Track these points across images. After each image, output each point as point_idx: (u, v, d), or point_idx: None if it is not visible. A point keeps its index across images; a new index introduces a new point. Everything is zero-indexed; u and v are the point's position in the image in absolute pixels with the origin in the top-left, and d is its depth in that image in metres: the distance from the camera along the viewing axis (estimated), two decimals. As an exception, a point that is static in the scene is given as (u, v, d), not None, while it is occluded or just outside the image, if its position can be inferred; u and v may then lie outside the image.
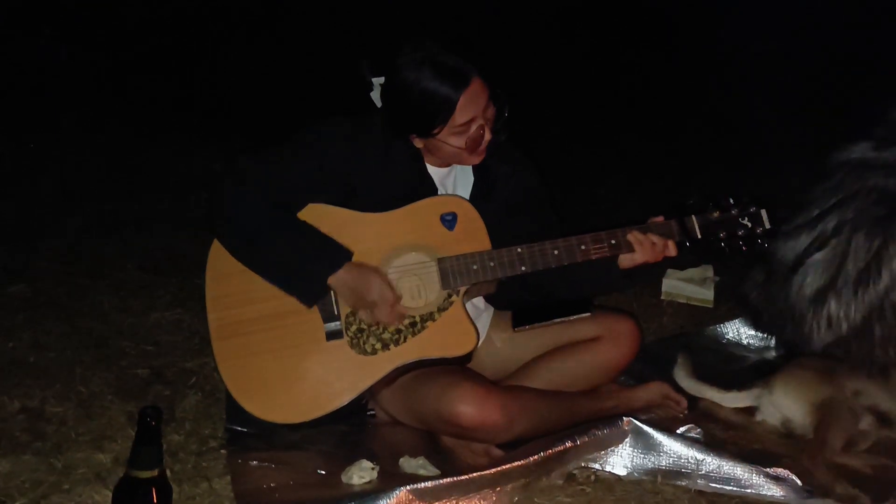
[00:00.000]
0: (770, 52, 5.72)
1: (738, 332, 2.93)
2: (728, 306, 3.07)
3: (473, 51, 2.00)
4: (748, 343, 2.89)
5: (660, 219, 2.11)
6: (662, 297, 3.19)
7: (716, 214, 2.11)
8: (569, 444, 2.01)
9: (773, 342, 2.81)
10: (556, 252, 2.07)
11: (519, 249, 2.07)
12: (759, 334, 2.86)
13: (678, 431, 2.14)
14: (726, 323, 2.95)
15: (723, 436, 2.21)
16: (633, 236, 2.06)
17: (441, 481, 1.86)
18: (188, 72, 5.82)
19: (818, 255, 2.53)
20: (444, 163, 2.15)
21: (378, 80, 2.08)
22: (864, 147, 2.59)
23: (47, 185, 3.89)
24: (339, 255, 2.03)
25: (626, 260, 2.10)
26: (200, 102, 5.37)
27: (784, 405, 2.30)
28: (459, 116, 1.99)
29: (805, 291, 2.53)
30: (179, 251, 3.25)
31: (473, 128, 2.02)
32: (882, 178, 2.51)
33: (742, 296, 2.88)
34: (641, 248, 2.06)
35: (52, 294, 2.88)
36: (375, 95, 2.10)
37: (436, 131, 2.02)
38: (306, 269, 2.02)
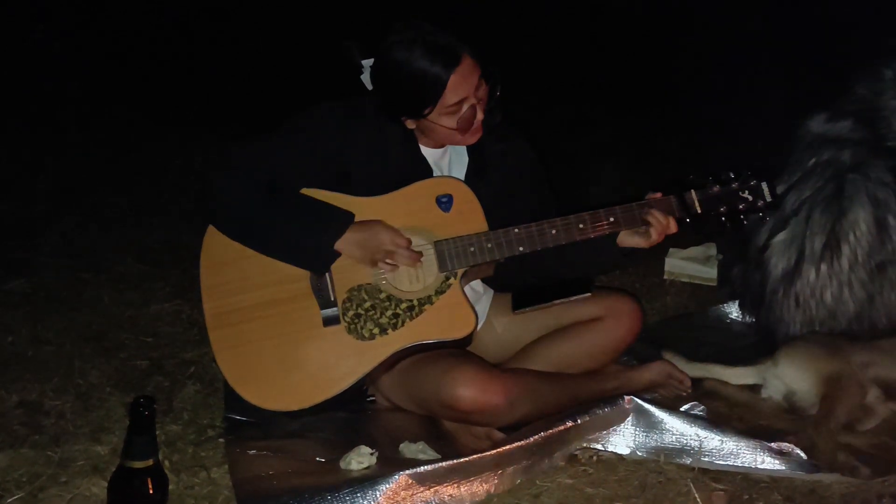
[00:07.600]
0: (768, 27, 5.65)
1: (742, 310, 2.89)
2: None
3: (465, 29, 1.96)
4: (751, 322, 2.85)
5: (658, 195, 2.08)
6: (665, 277, 3.17)
7: (716, 189, 2.08)
8: (570, 424, 1.98)
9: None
10: (554, 232, 2.04)
11: (516, 230, 2.04)
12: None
13: (682, 409, 2.12)
14: (730, 302, 2.91)
15: (727, 413, 2.19)
16: (652, 215, 2.01)
17: (441, 465, 1.84)
18: (184, 63, 5.79)
19: (781, 236, 2.49)
20: (438, 144, 2.12)
21: (368, 63, 2.05)
22: (819, 120, 2.54)
23: (45, 180, 3.88)
24: (341, 218, 2.00)
25: (625, 239, 2.07)
26: (197, 94, 5.35)
27: (789, 376, 2.27)
28: (450, 96, 1.95)
29: (774, 273, 2.50)
30: (178, 243, 3.23)
31: (465, 108, 1.99)
32: (835, 152, 2.45)
33: (728, 282, 2.85)
34: (657, 224, 2.01)
35: (51, 288, 2.87)
36: (366, 78, 2.07)
37: (426, 112, 1.98)
38: (311, 238, 1.99)
